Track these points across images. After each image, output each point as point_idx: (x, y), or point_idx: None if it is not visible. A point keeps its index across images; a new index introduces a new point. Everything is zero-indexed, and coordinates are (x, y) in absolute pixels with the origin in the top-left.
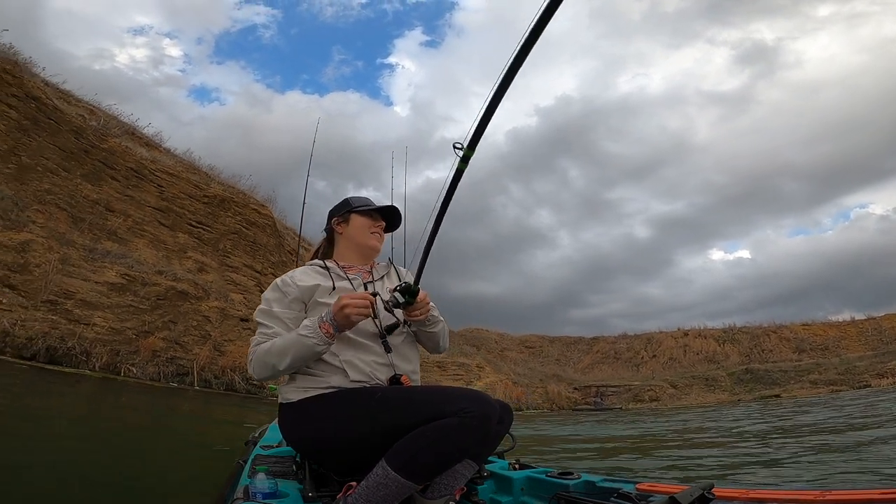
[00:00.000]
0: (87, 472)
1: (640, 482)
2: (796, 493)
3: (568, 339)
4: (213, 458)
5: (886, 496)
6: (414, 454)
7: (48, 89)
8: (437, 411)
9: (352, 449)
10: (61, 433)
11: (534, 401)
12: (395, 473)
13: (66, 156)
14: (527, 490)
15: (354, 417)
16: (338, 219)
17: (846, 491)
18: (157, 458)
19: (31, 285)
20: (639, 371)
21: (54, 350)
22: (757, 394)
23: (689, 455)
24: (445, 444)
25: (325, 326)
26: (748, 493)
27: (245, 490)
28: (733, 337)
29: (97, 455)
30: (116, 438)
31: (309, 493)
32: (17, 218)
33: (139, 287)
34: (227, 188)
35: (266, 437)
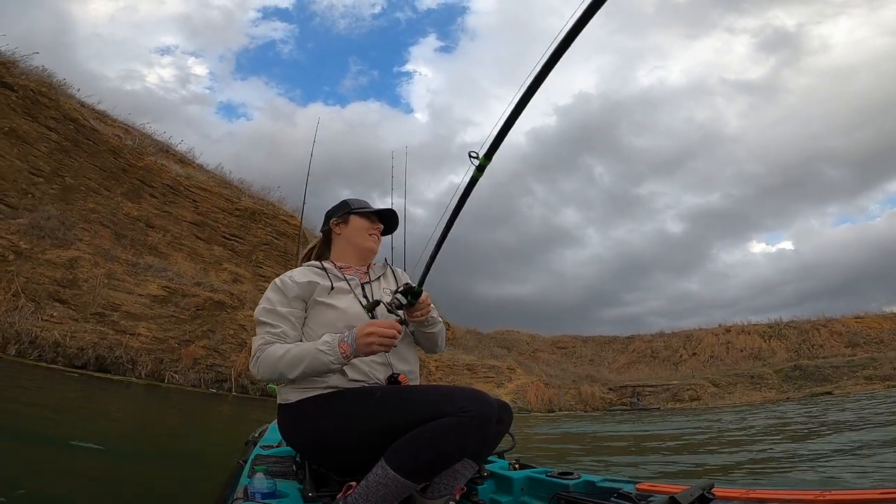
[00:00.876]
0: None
1: (640, 482)
2: (796, 492)
3: (602, 338)
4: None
5: (886, 496)
6: (413, 453)
7: (84, 110)
8: (436, 411)
9: (351, 449)
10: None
11: (566, 402)
12: (395, 473)
13: (107, 175)
14: (527, 490)
15: (353, 417)
16: (336, 220)
17: (846, 491)
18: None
19: (80, 299)
20: (678, 370)
21: (103, 359)
22: (807, 391)
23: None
24: (445, 443)
25: (344, 346)
26: (748, 493)
27: (245, 490)
28: (780, 332)
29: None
30: (165, 437)
31: (309, 493)
32: (64, 236)
33: (179, 298)
34: (257, 201)
35: (266, 437)
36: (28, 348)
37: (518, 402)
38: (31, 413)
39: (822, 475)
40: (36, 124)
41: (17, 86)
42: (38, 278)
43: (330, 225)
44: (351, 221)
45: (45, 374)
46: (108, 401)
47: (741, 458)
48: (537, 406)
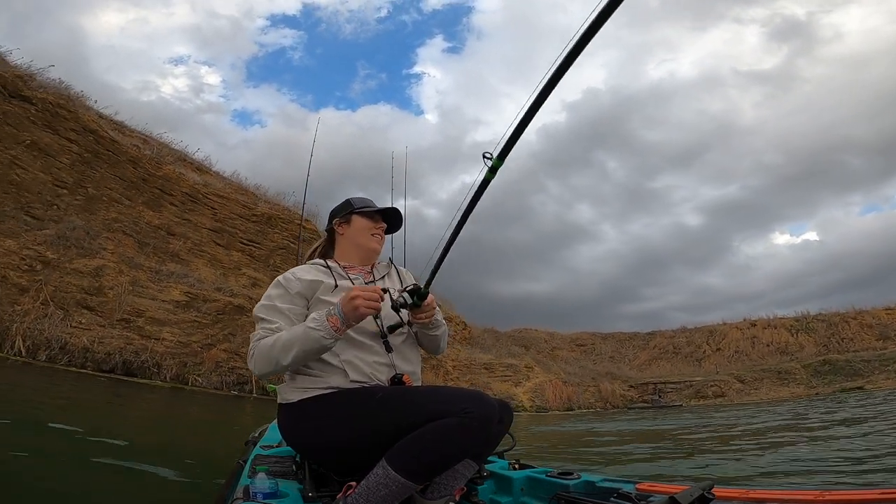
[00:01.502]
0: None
1: (640, 482)
2: (796, 493)
3: (622, 335)
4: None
5: (886, 496)
6: (414, 454)
7: (102, 121)
8: (438, 411)
9: (352, 450)
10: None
11: (586, 400)
12: (396, 473)
13: (128, 185)
14: (527, 490)
15: (354, 418)
16: (339, 220)
17: (845, 491)
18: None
19: (106, 306)
20: (701, 366)
21: (130, 363)
22: (837, 386)
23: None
24: (446, 443)
25: (333, 320)
26: (748, 494)
27: (245, 490)
28: (808, 326)
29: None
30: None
31: (309, 493)
32: (89, 246)
33: (201, 304)
34: (273, 206)
35: (266, 437)
36: (58, 354)
37: (536, 401)
38: (65, 413)
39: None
40: (57, 137)
41: (35, 99)
42: (65, 287)
43: (333, 224)
44: (353, 221)
45: (75, 379)
46: (135, 403)
47: (744, 460)
48: (556, 404)
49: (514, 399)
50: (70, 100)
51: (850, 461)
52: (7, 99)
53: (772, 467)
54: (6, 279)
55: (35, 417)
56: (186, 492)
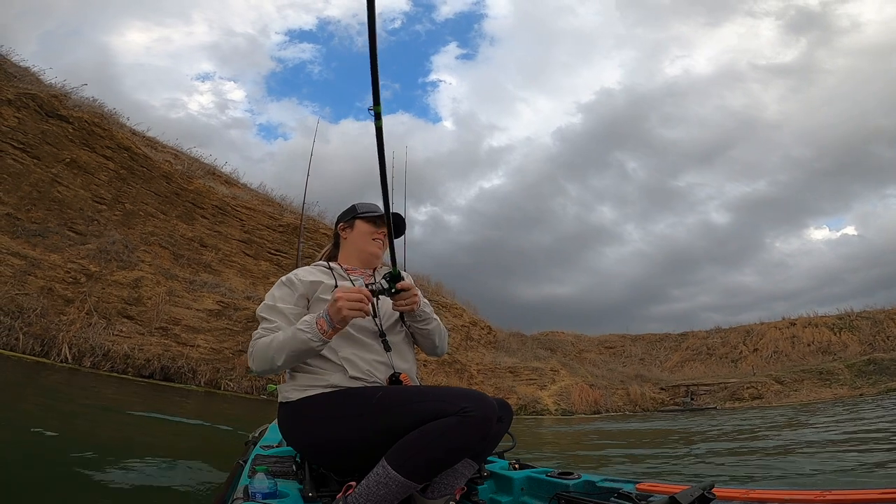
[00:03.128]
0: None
1: (640, 482)
2: (796, 492)
3: (653, 336)
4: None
5: (886, 496)
6: (415, 453)
7: (136, 138)
8: (438, 410)
9: (352, 449)
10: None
11: (614, 403)
12: (396, 472)
13: (162, 200)
14: (527, 490)
15: (354, 417)
16: (343, 224)
17: (846, 491)
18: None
19: (145, 315)
20: (737, 367)
21: (167, 369)
22: (883, 386)
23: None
24: (446, 443)
25: (321, 322)
26: (748, 493)
27: (245, 490)
28: (851, 324)
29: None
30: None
31: (309, 493)
32: (128, 258)
33: (232, 312)
34: (298, 216)
35: (266, 437)
36: (101, 360)
37: (562, 404)
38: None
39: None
40: (94, 154)
41: (71, 118)
42: (107, 297)
43: (338, 229)
44: (356, 226)
45: (117, 383)
46: (174, 404)
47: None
48: (581, 408)
49: (540, 402)
50: (104, 118)
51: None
52: (45, 118)
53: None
54: (53, 291)
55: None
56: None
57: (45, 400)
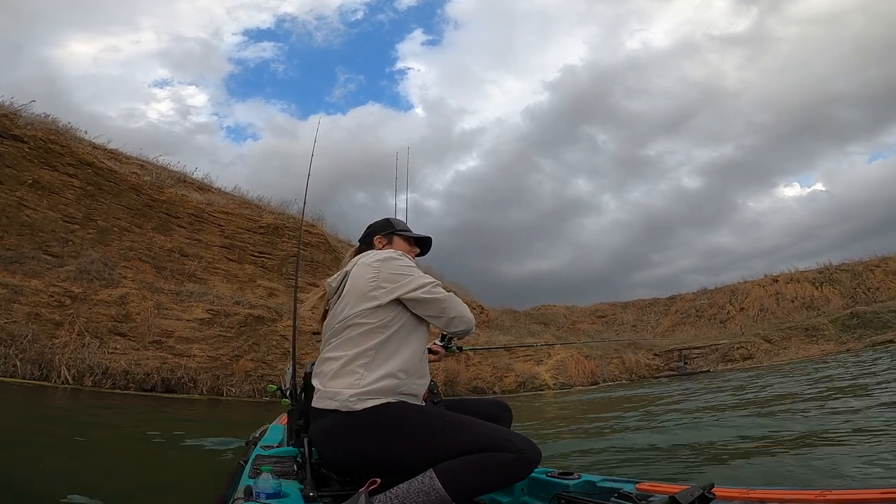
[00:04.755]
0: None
1: (640, 482)
2: (796, 492)
3: (642, 302)
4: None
5: (886, 496)
6: (467, 475)
7: (97, 152)
8: (496, 445)
9: (403, 466)
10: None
11: (610, 372)
12: (442, 487)
13: (134, 213)
14: (527, 490)
15: (425, 435)
16: (381, 238)
17: (846, 490)
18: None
19: (137, 330)
20: (726, 328)
21: (168, 381)
22: (868, 340)
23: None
24: (498, 474)
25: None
26: (748, 493)
27: (247, 490)
28: (831, 277)
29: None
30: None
31: (310, 493)
32: (110, 276)
33: (223, 318)
34: (278, 216)
35: (266, 438)
36: (101, 378)
37: (559, 378)
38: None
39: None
40: (56, 173)
41: (26, 136)
42: (96, 317)
43: (374, 241)
44: (395, 242)
45: (120, 399)
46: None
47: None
48: (579, 380)
49: (538, 378)
50: (60, 133)
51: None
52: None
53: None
54: (40, 316)
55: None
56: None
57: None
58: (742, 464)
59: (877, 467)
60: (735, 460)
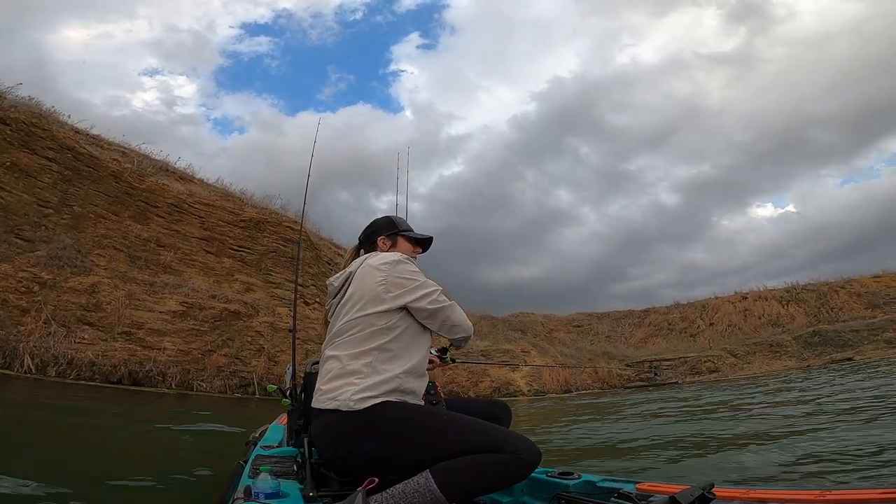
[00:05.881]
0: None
1: (640, 482)
2: (796, 492)
3: (617, 313)
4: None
5: (886, 496)
6: (463, 477)
7: (79, 137)
8: (494, 446)
9: (402, 466)
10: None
11: (583, 381)
12: (437, 488)
13: (112, 200)
14: (527, 490)
15: (425, 434)
16: (385, 238)
17: (846, 491)
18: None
19: (106, 321)
20: (695, 341)
21: (135, 373)
22: (827, 357)
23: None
24: (495, 476)
25: None
26: (748, 493)
27: (246, 490)
28: (797, 296)
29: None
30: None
31: (310, 493)
32: (82, 263)
33: (197, 312)
34: (260, 210)
35: (266, 438)
36: (66, 369)
37: (534, 385)
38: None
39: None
40: (35, 156)
41: (8, 119)
42: (64, 305)
43: (377, 241)
44: (399, 242)
45: (85, 391)
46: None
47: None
48: (553, 387)
49: (512, 384)
50: (43, 117)
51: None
52: None
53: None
54: (7, 302)
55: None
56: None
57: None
58: (652, 459)
59: (771, 468)
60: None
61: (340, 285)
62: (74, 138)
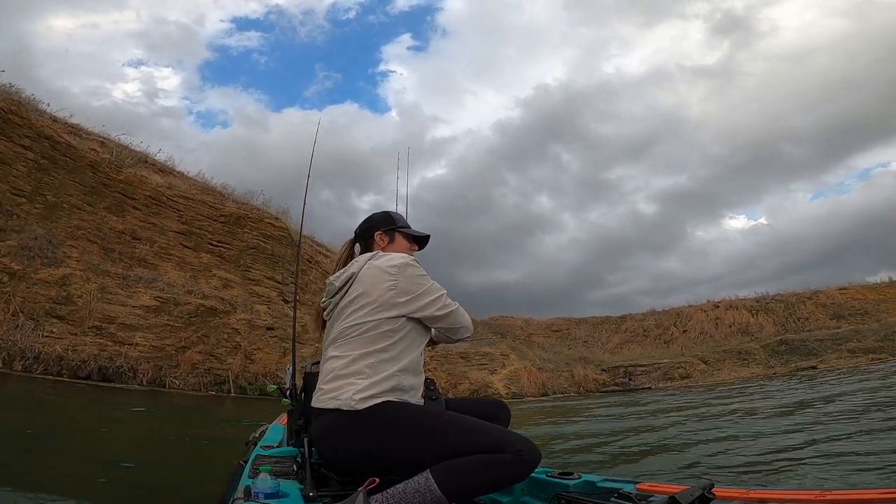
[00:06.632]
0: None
1: (640, 482)
2: (796, 492)
3: (595, 319)
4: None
5: (886, 496)
6: (463, 477)
7: (57, 126)
8: (496, 446)
9: (403, 466)
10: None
11: (560, 385)
12: (438, 488)
13: (88, 191)
14: (527, 490)
15: (425, 433)
16: (382, 234)
17: (846, 490)
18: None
19: (77, 314)
20: (668, 348)
21: (106, 369)
22: (793, 366)
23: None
24: (495, 476)
25: None
26: (748, 493)
27: (246, 490)
28: (767, 306)
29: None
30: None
31: (310, 493)
32: (53, 255)
33: (172, 307)
34: (241, 206)
35: (266, 438)
36: (33, 363)
37: (512, 388)
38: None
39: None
40: (11, 143)
41: None
42: (34, 297)
43: (374, 236)
44: (397, 238)
45: (51, 386)
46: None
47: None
48: (530, 391)
49: (491, 387)
50: (21, 105)
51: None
52: None
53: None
54: None
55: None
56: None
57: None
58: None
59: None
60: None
61: (342, 285)
62: (53, 127)
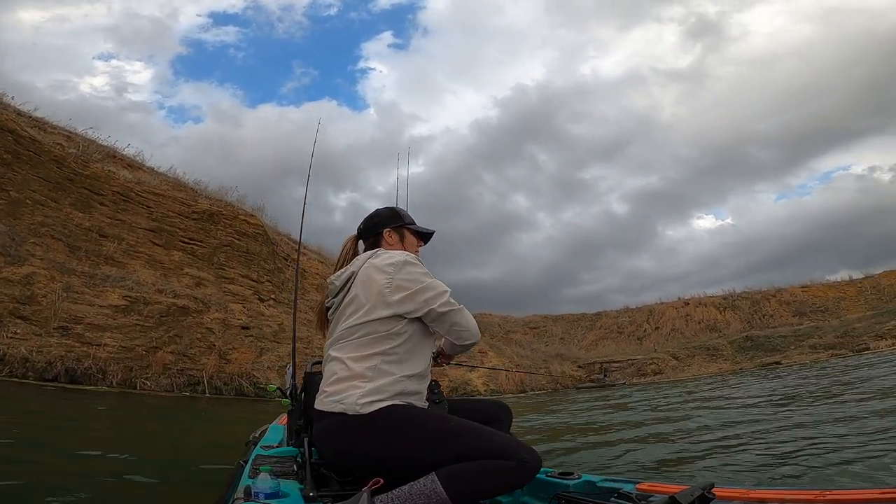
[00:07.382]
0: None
1: (640, 482)
2: (796, 492)
3: (571, 316)
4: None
5: (886, 496)
6: (469, 480)
7: (21, 119)
8: (500, 453)
9: (404, 467)
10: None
11: (537, 382)
12: (444, 490)
13: (53, 186)
14: (527, 490)
15: (432, 438)
16: (390, 230)
17: (846, 490)
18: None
19: (41, 314)
20: (641, 344)
21: (73, 371)
22: (758, 361)
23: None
24: (500, 481)
25: None
26: (748, 493)
27: (246, 490)
28: (734, 303)
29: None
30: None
31: (310, 493)
32: (16, 252)
33: (142, 307)
34: (214, 202)
35: (266, 438)
36: None
37: (490, 385)
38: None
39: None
40: None
41: None
42: None
43: (383, 233)
44: (406, 236)
45: (16, 389)
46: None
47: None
48: (509, 387)
49: (470, 384)
50: None
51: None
52: None
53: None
54: None
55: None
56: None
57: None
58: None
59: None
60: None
61: (342, 284)
62: (16, 120)
